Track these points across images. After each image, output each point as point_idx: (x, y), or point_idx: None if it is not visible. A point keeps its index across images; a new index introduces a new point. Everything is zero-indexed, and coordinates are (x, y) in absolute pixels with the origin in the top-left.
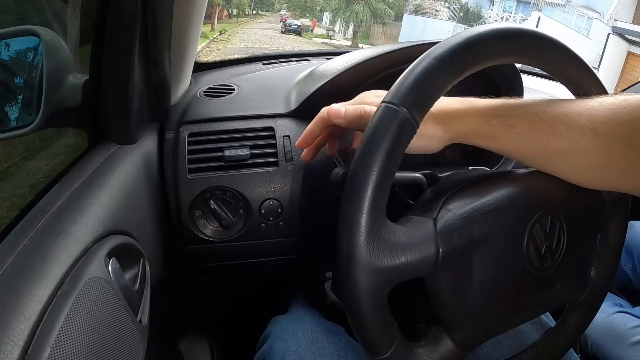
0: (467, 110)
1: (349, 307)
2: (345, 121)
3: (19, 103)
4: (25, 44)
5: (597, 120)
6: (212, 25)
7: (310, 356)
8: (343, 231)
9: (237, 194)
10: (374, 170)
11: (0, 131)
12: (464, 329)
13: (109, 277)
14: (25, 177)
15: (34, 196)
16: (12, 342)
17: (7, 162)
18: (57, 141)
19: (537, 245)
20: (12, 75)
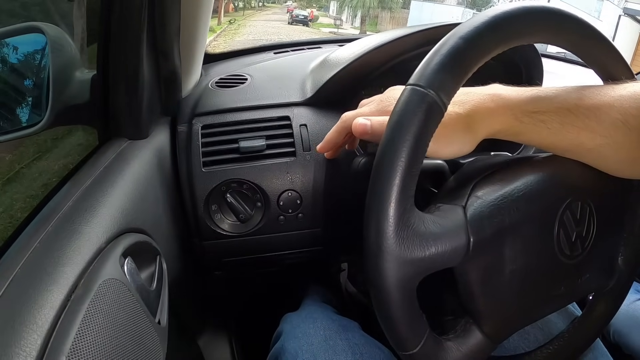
0: (498, 108)
1: (377, 300)
2: (372, 136)
3: (26, 102)
4: (30, 41)
5: (629, 113)
6: (219, 18)
7: (323, 354)
8: (370, 222)
9: (254, 186)
10: (402, 157)
11: (9, 131)
12: (494, 320)
13: (124, 278)
14: (38, 178)
15: (44, 196)
16: (24, 353)
17: (19, 163)
18: (68, 140)
19: (568, 232)
20: (19, 74)
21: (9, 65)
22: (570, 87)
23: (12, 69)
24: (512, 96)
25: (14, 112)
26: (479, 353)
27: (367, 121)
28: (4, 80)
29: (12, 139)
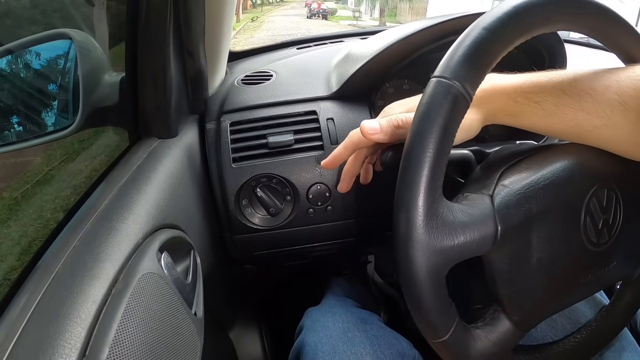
0: (493, 88)
1: (407, 289)
2: (383, 134)
3: (58, 106)
4: (58, 47)
5: (626, 94)
6: (237, 15)
7: (342, 346)
8: (400, 212)
9: (284, 181)
10: (429, 148)
11: (43, 135)
12: (522, 308)
13: (162, 272)
14: (66, 179)
15: (81, 196)
16: (69, 345)
17: (48, 165)
18: (95, 141)
19: (595, 219)
20: (49, 79)
21: (40, 71)
22: (566, 70)
23: (43, 75)
24: (505, 79)
25: (47, 116)
26: (507, 341)
27: (375, 122)
28: (36, 87)
29: (45, 142)
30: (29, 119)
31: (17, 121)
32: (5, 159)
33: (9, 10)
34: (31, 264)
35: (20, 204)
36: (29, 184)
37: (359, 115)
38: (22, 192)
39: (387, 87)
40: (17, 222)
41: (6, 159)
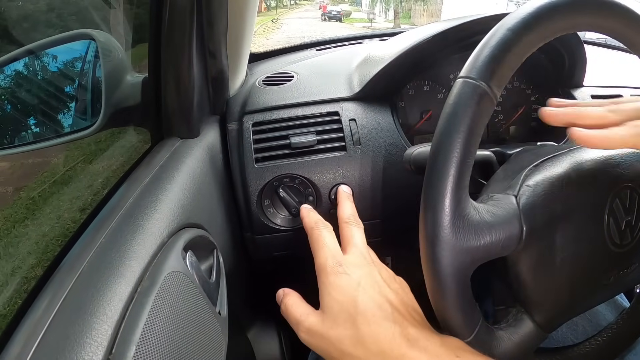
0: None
1: (433, 289)
2: None
3: (80, 106)
4: (80, 48)
5: None
6: None
7: None
8: (427, 212)
9: (306, 181)
10: (456, 148)
11: (66, 134)
12: (546, 309)
13: (187, 271)
14: (83, 179)
15: (105, 195)
16: (96, 343)
17: (65, 166)
18: (112, 142)
19: (618, 220)
20: (71, 80)
21: (63, 71)
22: None
23: (66, 75)
24: None
25: (69, 116)
26: (530, 342)
27: None
28: (59, 87)
29: (68, 142)
30: (51, 118)
31: (41, 121)
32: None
33: (25, 13)
34: (56, 261)
35: (38, 204)
36: (46, 184)
37: (381, 116)
38: (40, 192)
39: (408, 89)
40: (35, 222)
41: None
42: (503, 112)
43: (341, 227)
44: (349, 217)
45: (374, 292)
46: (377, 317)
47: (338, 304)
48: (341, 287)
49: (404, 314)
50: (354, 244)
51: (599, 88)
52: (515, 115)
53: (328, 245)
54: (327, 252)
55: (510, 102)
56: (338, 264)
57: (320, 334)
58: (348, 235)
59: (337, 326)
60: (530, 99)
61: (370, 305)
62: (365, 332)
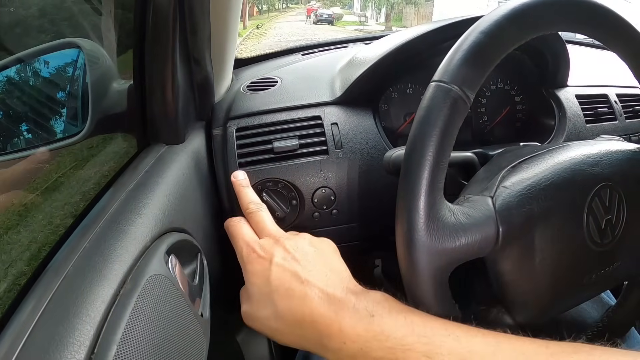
0: None
1: (410, 291)
2: None
3: (67, 113)
4: (67, 56)
5: None
6: (244, 22)
7: None
8: (402, 215)
9: (289, 185)
10: (429, 151)
11: (53, 141)
12: (527, 309)
13: (169, 274)
14: (75, 186)
15: (90, 200)
16: (78, 343)
17: (57, 172)
18: (103, 148)
19: (597, 219)
20: (58, 88)
21: (50, 79)
22: None
23: (53, 83)
24: None
25: (56, 123)
26: None
27: None
28: (46, 94)
29: (56, 149)
30: (38, 126)
31: (27, 128)
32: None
33: (18, 19)
34: (42, 265)
35: (30, 210)
36: (38, 191)
37: (363, 120)
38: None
39: (391, 92)
40: (26, 228)
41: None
42: (487, 114)
43: (247, 216)
44: (248, 204)
45: (285, 267)
46: (289, 290)
47: (257, 287)
48: (257, 271)
49: (317, 278)
50: (262, 227)
51: (584, 87)
52: (500, 116)
53: (242, 235)
54: (242, 242)
55: (494, 103)
56: (252, 250)
57: (252, 318)
58: (256, 220)
59: (260, 308)
60: (514, 99)
61: (283, 280)
62: (282, 307)
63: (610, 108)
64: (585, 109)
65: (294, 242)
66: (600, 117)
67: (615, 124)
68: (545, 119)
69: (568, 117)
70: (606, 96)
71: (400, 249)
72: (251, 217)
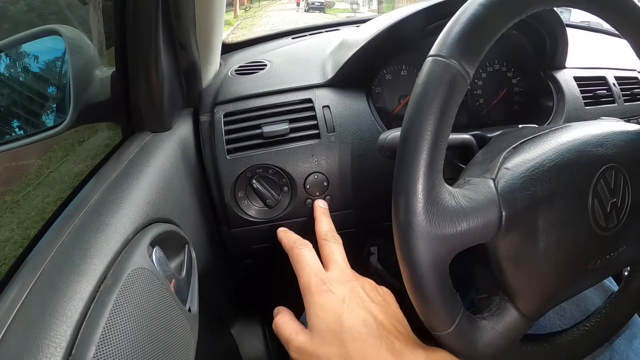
0: None
1: (409, 280)
2: None
3: (48, 103)
4: (48, 44)
5: None
6: (235, 11)
7: None
8: (399, 198)
9: (280, 171)
10: (428, 129)
11: (34, 133)
12: (530, 297)
13: (153, 267)
14: (68, 181)
15: (71, 192)
16: (54, 344)
17: (49, 167)
18: (95, 142)
19: (603, 202)
20: (39, 77)
21: (29, 69)
22: None
23: (32, 72)
24: None
25: (37, 114)
26: (515, 331)
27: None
28: (25, 84)
29: (37, 141)
30: (19, 117)
31: (7, 120)
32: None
33: (5, 14)
34: (19, 261)
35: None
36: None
37: (356, 102)
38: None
39: (384, 74)
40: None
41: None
42: (484, 96)
43: (320, 244)
44: (326, 233)
45: (359, 308)
46: (363, 334)
47: (325, 323)
48: (327, 305)
49: (389, 328)
50: (334, 260)
51: (582, 69)
52: (497, 98)
53: (310, 264)
54: (310, 271)
55: (491, 85)
56: (322, 282)
57: (309, 353)
58: (328, 252)
59: (324, 345)
60: (511, 81)
61: (355, 322)
62: (352, 349)
63: (609, 90)
64: (583, 91)
65: (368, 284)
66: (599, 99)
67: (614, 106)
68: (543, 101)
69: (567, 99)
70: (604, 78)
71: (397, 236)
72: (324, 245)
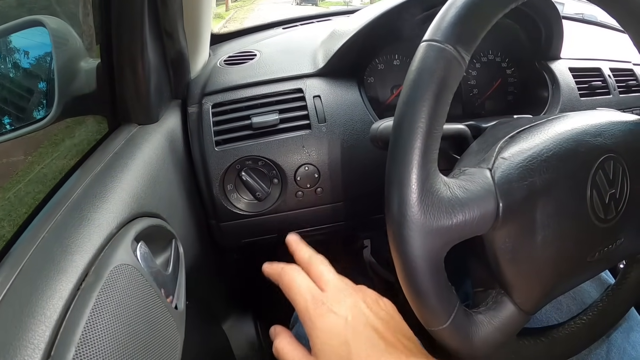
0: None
1: (403, 273)
2: None
3: (32, 96)
4: (32, 35)
5: None
6: (226, 4)
7: None
8: (392, 189)
9: (270, 163)
10: (422, 117)
11: (17, 127)
12: (527, 290)
13: (137, 263)
14: (59, 177)
15: (54, 186)
16: (32, 346)
17: (39, 164)
18: (86, 137)
19: (601, 193)
20: (22, 69)
21: (11, 61)
22: None
23: (16, 64)
24: None
25: (21, 108)
26: (511, 326)
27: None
28: (7, 77)
29: (21, 135)
30: (1, 111)
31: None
32: None
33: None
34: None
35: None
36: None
37: (347, 92)
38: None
39: (376, 63)
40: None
41: None
42: (478, 87)
43: (307, 270)
44: (309, 258)
45: (363, 327)
46: (371, 356)
47: (329, 347)
48: (329, 328)
49: (396, 345)
50: (327, 279)
51: (577, 60)
52: (491, 89)
53: (303, 287)
54: (305, 294)
55: (485, 75)
56: (320, 303)
57: None
58: (317, 273)
59: None
60: (506, 72)
61: (361, 343)
62: None
63: (604, 82)
64: (579, 82)
65: (369, 297)
66: (594, 90)
67: (610, 98)
68: (538, 91)
69: (562, 90)
70: (600, 70)
71: (390, 228)
72: (311, 268)
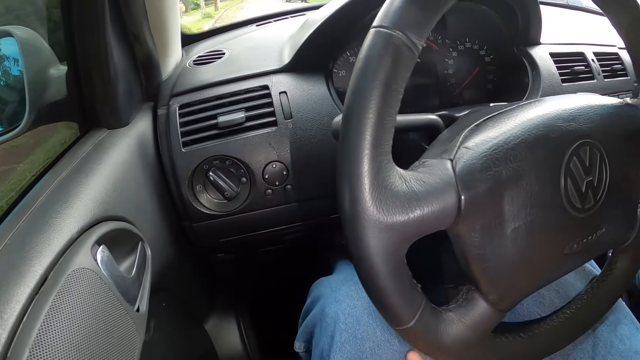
0: None
1: (361, 272)
2: None
3: (5, 106)
4: (1, 46)
5: None
6: (215, 4)
7: (367, 318)
8: (343, 184)
9: (237, 162)
10: (370, 107)
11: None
12: (499, 286)
13: (96, 267)
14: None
15: (21, 192)
16: None
17: (31, 172)
18: (43, 140)
19: (577, 181)
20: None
21: None
22: None
23: None
24: None
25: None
26: (484, 324)
27: None
28: None
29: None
30: None
31: None
32: None
33: None
34: None
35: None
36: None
37: (314, 87)
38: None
39: (348, 55)
40: None
41: None
42: (455, 76)
43: None
44: None
45: None
46: None
47: None
48: None
49: None
50: None
51: (559, 45)
52: (469, 78)
53: None
54: None
55: (462, 64)
56: None
57: None
58: None
59: None
60: (484, 59)
61: None
62: None
63: (587, 67)
64: (560, 68)
65: None
66: (577, 75)
67: (594, 83)
68: (518, 78)
69: (542, 76)
70: (583, 54)
71: (344, 226)
72: None
